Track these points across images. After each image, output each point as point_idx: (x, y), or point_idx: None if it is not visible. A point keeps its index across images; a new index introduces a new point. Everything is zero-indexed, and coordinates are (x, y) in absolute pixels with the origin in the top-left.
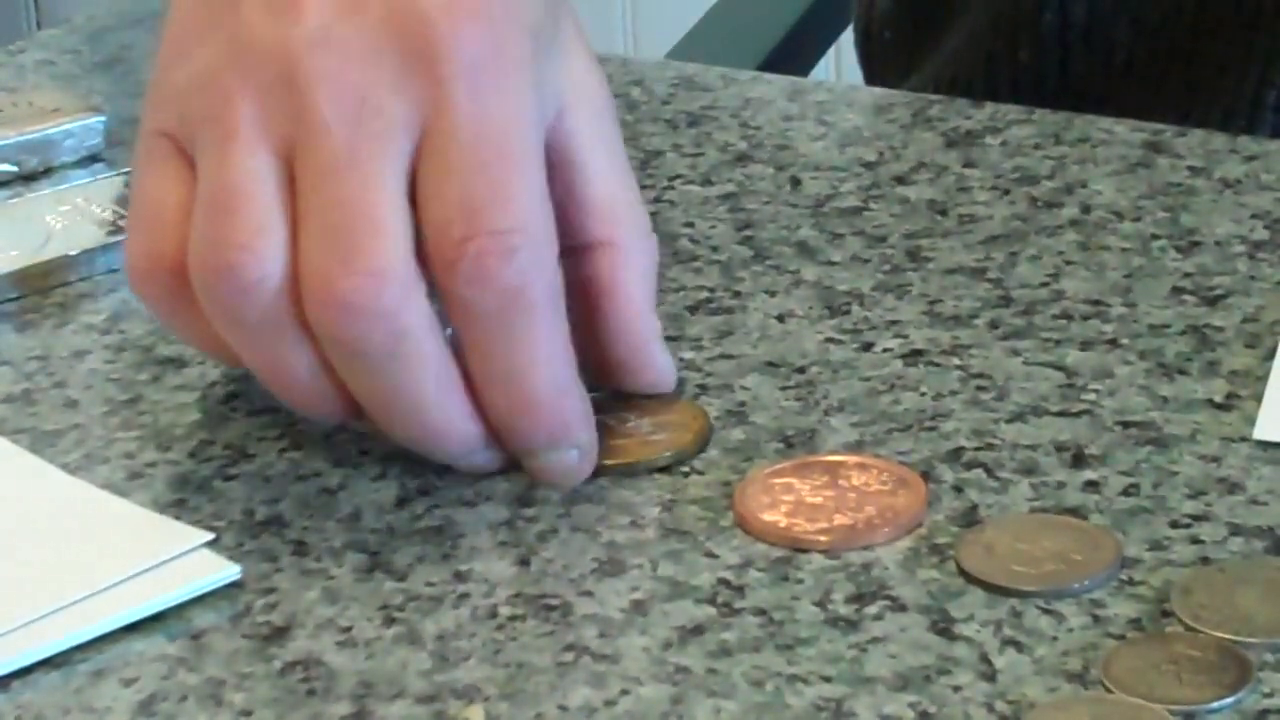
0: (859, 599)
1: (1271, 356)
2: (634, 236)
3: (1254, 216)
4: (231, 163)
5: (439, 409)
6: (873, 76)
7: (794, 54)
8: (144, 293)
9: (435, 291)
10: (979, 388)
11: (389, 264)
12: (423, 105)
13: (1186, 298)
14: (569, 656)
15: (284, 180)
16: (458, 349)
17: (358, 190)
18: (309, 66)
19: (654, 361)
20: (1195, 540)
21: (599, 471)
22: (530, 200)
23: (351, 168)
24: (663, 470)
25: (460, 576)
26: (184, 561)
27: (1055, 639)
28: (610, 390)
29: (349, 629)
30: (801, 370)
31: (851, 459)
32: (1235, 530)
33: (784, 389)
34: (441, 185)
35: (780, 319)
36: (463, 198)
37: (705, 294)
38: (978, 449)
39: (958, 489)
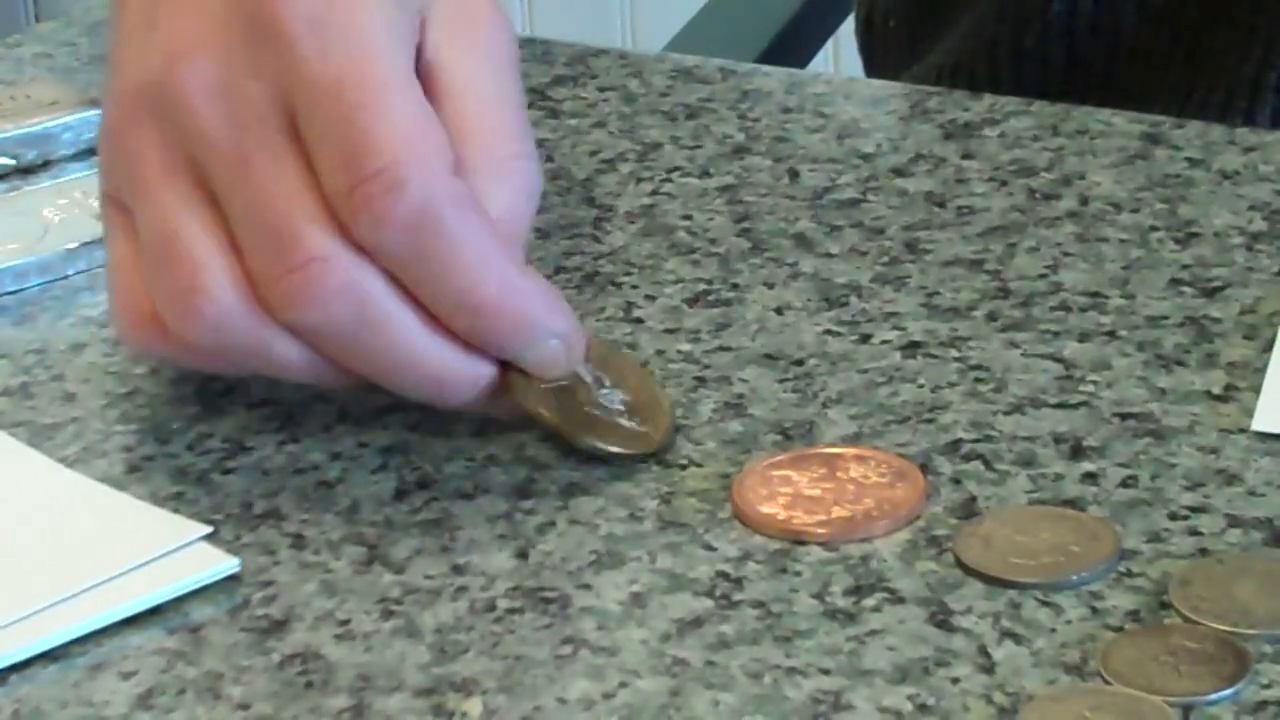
0: (857, 591)
1: (1270, 348)
2: (485, 159)
3: (1252, 208)
4: (153, 213)
5: (431, 355)
6: (873, 66)
7: (792, 46)
8: (140, 346)
9: None
10: (977, 379)
11: (321, 247)
12: (280, 77)
13: (1185, 289)
14: (567, 649)
15: (206, 203)
16: None
17: (261, 190)
18: (175, 84)
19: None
20: (1194, 532)
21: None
22: (398, 128)
23: (246, 171)
24: (649, 459)
25: (458, 569)
26: (182, 554)
27: (1054, 631)
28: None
29: (347, 622)
30: (799, 362)
31: (850, 451)
32: (1234, 522)
33: (782, 381)
34: (319, 150)
35: (778, 311)
36: (339, 155)
37: (703, 286)
38: (976, 441)
39: (956, 481)
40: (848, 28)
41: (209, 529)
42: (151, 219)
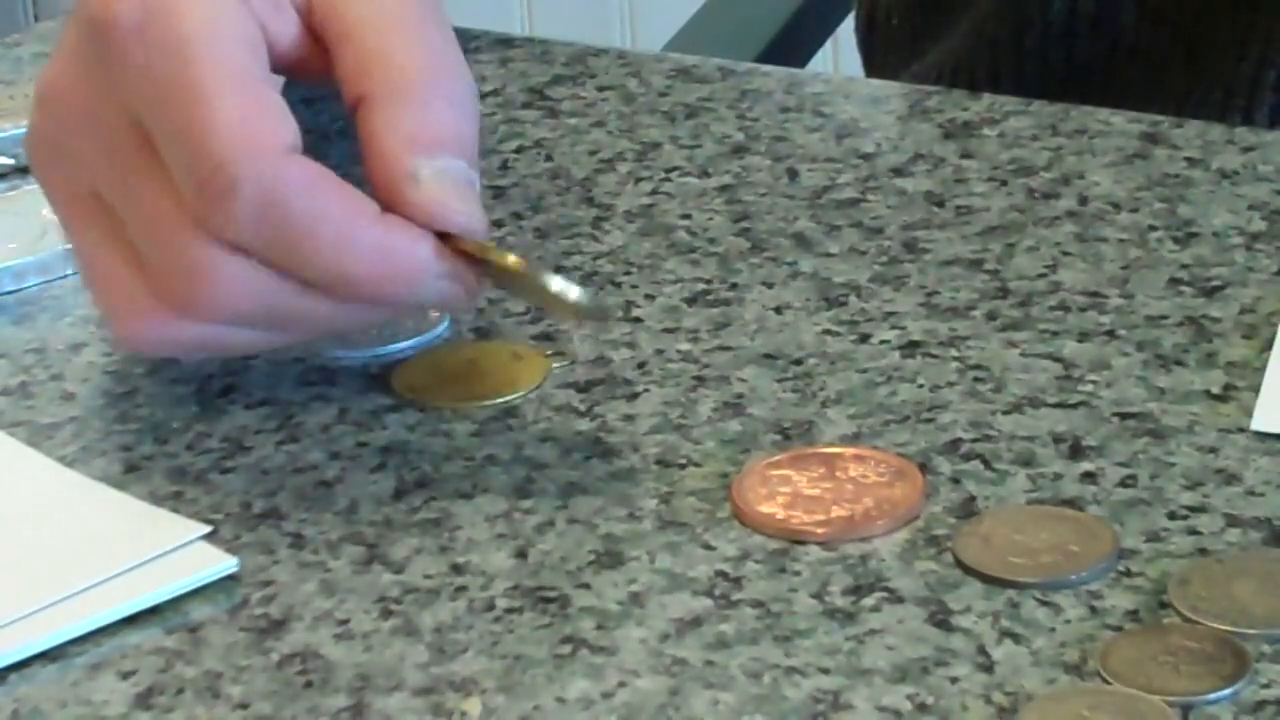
0: (856, 591)
1: (1269, 347)
2: (386, 86)
3: (1251, 207)
4: (77, 244)
5: (378, 241)
6: (873, 65)
7: (791, 46)
8: (139, 339)
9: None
10: (976, 379)
11: (222, 154)
12: (125, 91)
13: (1184, 289)
14: (566, 649)
15: (110, 223)
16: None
17: (149, 207)
18: (48, 122)
19: (405, 198)
20: (1193, 531)
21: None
22: (224, 127)
23: (129, 196)
24: (657, 463)
25: (457, 569)
26: (181, 554)
27: (1053, 630)
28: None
29: (346, 621)
30: (799, 362)
31: (849, 451)
32: (1233, 521)
33: (781, 381)
34: (167, 160)
35: (777, 311)
36: (179, 163)
37: (702, 286)
38: (975, 440)
39: (955, 480)
40: (847, 28)
41: (208, 528)
42: (76, 248)
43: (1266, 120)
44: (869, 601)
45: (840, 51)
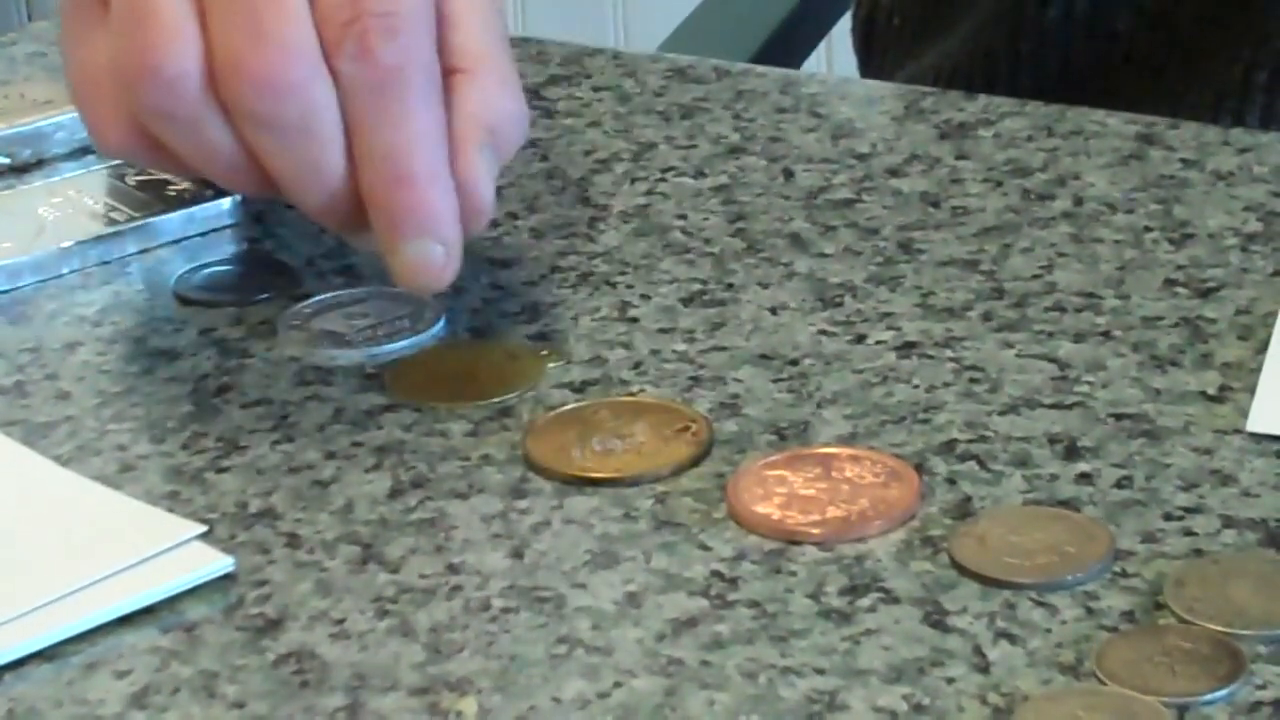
0: (852, 591)
1: (1264, 348)
2: (472, 72)
3: (1246, 208)
4: (73, 40)
5: (343, 182)
6: (869, 66)
7: (786, 47)
8: (109, 143)
9: None
10: (972, 380)
11: (295, 39)
12: None
13: (1179, 290)
14: (562, 649)
15: None
16: None
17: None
18: None
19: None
20: (1188, 532)
21: (594, 484)
22: None
23: None
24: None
25: (453, 569)
26: (176, 554)
27: (1048, 631)
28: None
29: (342, 621)
30: (794, 362)
31: (844, 451)
32: (1228, 522)
33: (777, 381)
34: None
35: (773, 311)
36: None
37: (698, 286)
38: (971, 441)
39: (951, 481)
40: (842, 28)
41: (203, 528)
42: None
43: (1258, 121)
44: (865, 602)
45: (835, 52)
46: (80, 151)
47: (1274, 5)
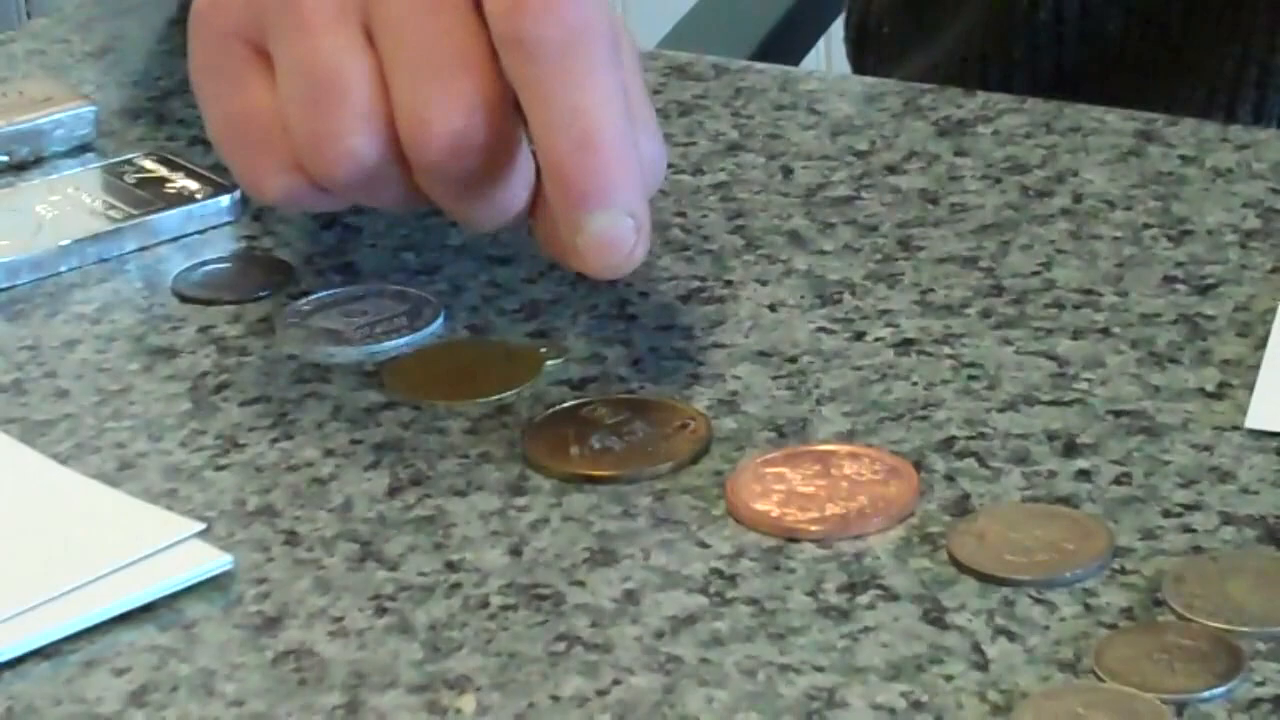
0: (851, 588)
1: (1263, 345)
2: (637, 108)
3: (1245, 205)
4: (318, 48)
5: (525, 203)
6: (862, 72)
7: (785, 44)
8: (278, 194)
9: None
10: (971, 377)
11: (479, 97)
12: None
13: (1178, 287)
14: (561, 646)
15: (370, 48)
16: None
17: (434, 31)
18: None
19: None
20: (1187, 529)
21: (593, 481)
22: None
23: (417, 13)
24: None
25: (452, 566)
26: (175, 551)
27: (1047, 628)
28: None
29: (341, 619)
30: (793, 360)
31: (843, 448)
32: (1227, 519)
33: (776, 378)
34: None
35: (772, 308)
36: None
37: (697, 283)
38: (970, 438)
39: (950, 478)
40: (840, 26)
41: (202, 526)
42: (315, 52)
43: (1250, 117)
44: (864, 599)
45: (834, 49)
46: (78, 149)
47: (1262, 1)
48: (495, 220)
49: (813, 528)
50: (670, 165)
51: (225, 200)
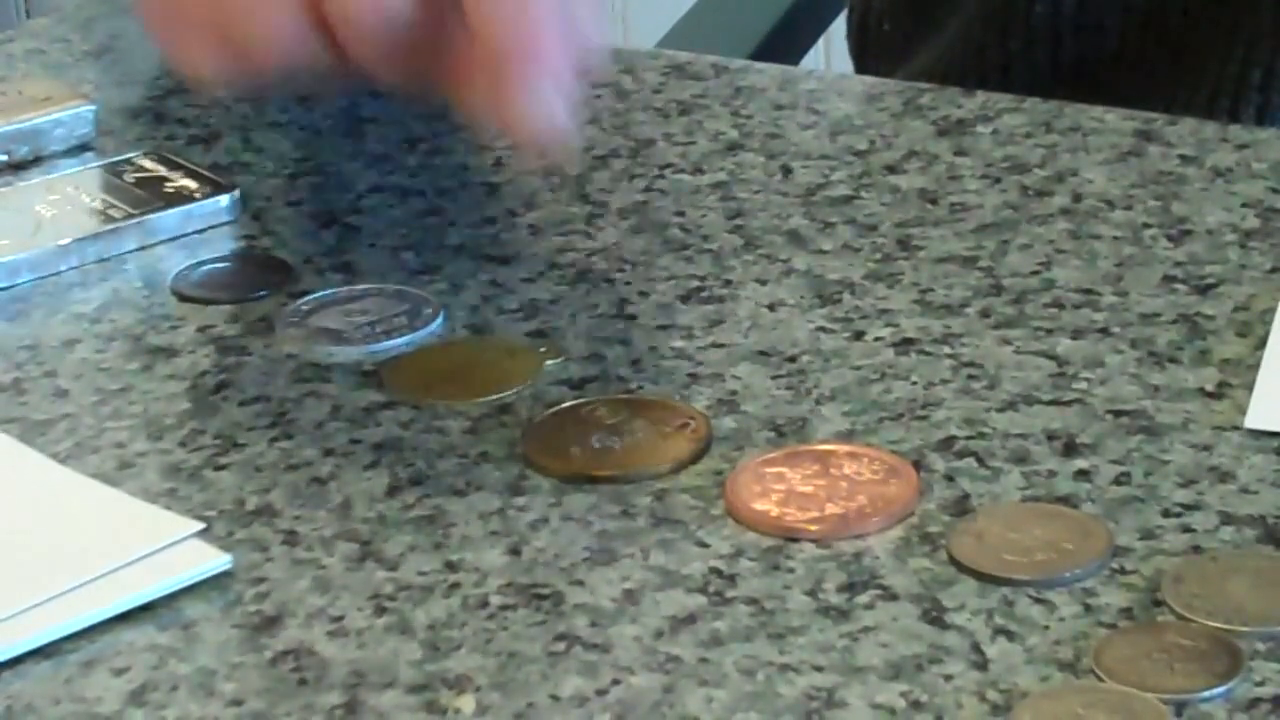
0: (850, 588)
1: (1263, 345)
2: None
3: (1245, 205)
4: None
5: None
6: (864, 70)
7: (785, 43)
8: (215, 76)
9: None
10: (970, 377)
11: None
12: None
13: (1178, 286)
14: (560, 646)
15: None
16: None
17: None
18: None
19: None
20: (1187, 529)
21: (592, 480)
22: None
23: None
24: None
25: (451, 566)
26: (174, 551)
27: (1047, 628)
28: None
29: (340, 618)
30: (793, 359)
31: (843, 448)
32: (1227, 519)
33: (775, 378)
34: None
35: (771, 308)
36: None
37: (696, 283)
38: (969, 438)
39: (949, 478)
40: (840, 25)
41: (201, 525)
42: None
43: (1253, 120)
44: (863, 599)
45: (833, 49)
46: (78, 148)
47: (1265, 3)
48: (418, 83)
49: (812, 527)
50: (670, 164)
51: (225, 199)
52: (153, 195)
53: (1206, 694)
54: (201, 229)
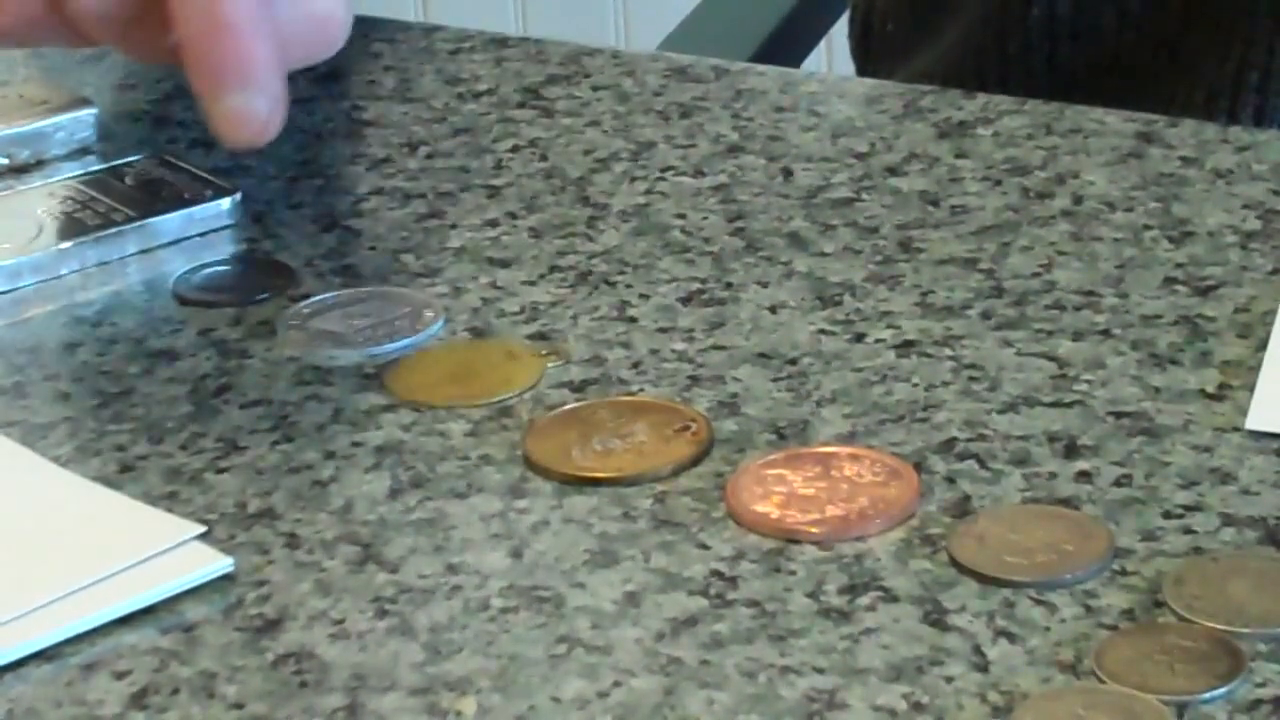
0: (851, 590)
1: (1263, 347)
2: None
3: (1246, 206)
4: None
5: None
6: (866, 72)
7: (786, 46)
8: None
9: None
10: (971, 378)
11: None
12: None
13: (1179, 288)
14: (561, 648)
15: None
16: None
17: None
18: None
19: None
20: (1187, 530)
21: (593, 483)
22: None
23: None
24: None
25: (452, 568)
26: (176, 554)
27: (1048, 629)
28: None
29: (341, 621)
30: (793, 361)
31: (844, 450)
32: (1227, 520)
33: (776, 380)
34: None
35: (772, 310)
36: None
37: (697, 285)
38: (970, 440)
39: (950, 480)
40: (841, 27)
41: (202, 528)
42: None
43: (1250, 122)
44: (864, 601)
45: (834, 51)
46: (78, 152)
47: (1262, 5)
48: (149, 59)
49: (813, 529)
50: (671, 167)
51: (226, 203)
52: (154, 199)
53: (1207, 695)
54: (203, 232)
